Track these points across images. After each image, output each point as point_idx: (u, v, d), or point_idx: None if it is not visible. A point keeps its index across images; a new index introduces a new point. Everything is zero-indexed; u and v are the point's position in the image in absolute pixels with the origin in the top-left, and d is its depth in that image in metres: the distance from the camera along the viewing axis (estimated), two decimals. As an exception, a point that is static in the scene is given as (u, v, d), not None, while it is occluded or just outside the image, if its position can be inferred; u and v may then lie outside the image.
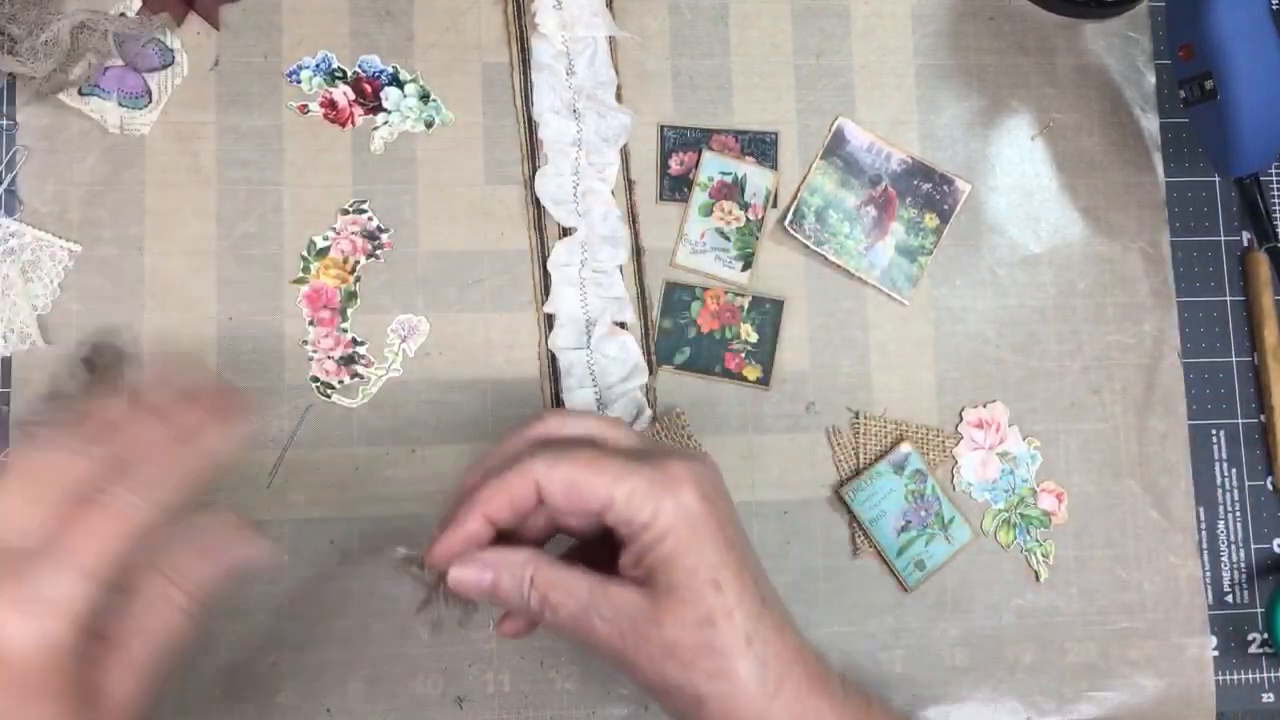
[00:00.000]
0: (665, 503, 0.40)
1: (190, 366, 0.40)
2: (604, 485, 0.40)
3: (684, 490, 0.41)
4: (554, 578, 0.41)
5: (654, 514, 0.40)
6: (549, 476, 0.41)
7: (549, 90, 0.56)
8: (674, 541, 0.40)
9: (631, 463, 0.41)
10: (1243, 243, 0.59)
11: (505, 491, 0.41)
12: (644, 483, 0.40)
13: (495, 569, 0.41)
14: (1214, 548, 0.57)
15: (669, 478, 0.41)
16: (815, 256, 0.57)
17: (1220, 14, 0.50)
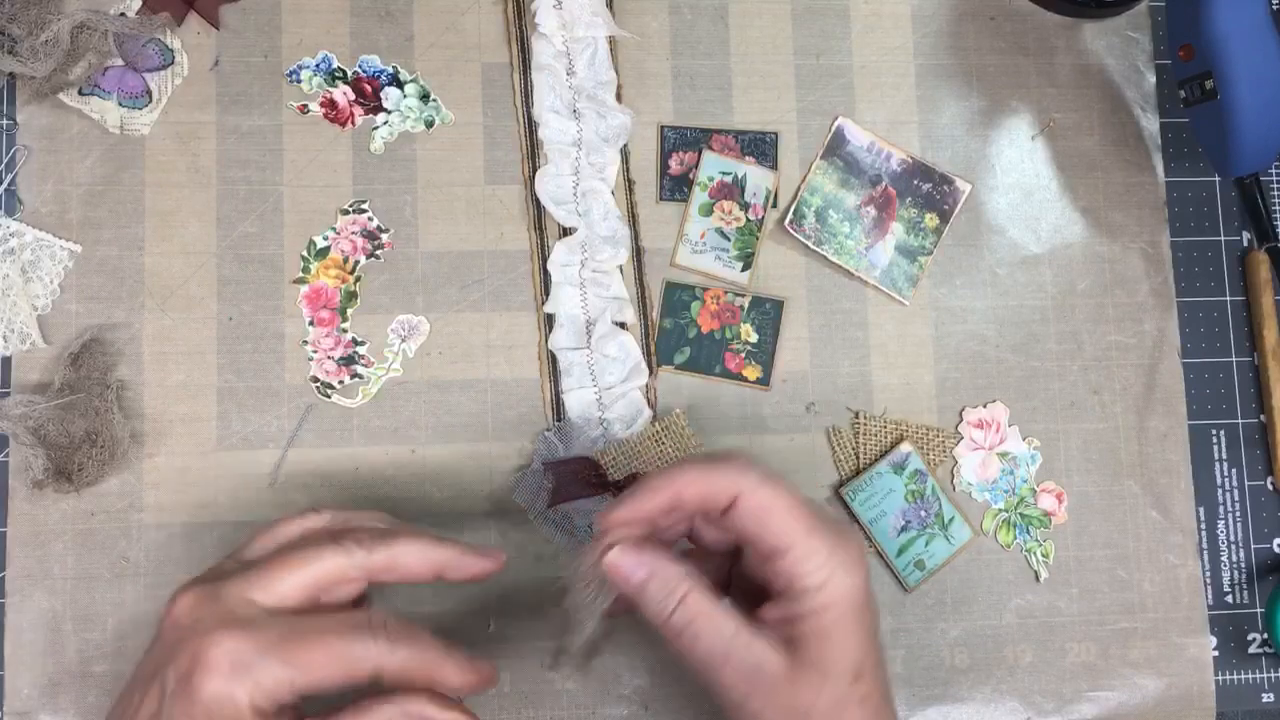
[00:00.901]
0: (840, 576, 0.40)
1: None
2: (792, 531, 0.40)
3: (858, 572, 0.41)
4: (706, 609, 0.41)
5: (825, 582, 0.40)
6: (754, 491, 0.41)
7: (549, 90, 0.56)
8: (835, 618, 0.40)
9: (818, 521, 0.41)
10: (1243, 243, 0.59)
11: (707, 482, 0.41)
12: (826, 548, 0.40)
13: (651, 570, 0.41)
14: (1214, 548, 0.57)
15: (848, 554, 0.41)
16: (815, 256, 0.57)
17: (1220, 14, 0.50)
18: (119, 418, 0.52)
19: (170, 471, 0.53)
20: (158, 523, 0.53)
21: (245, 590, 0.40)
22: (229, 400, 0.53)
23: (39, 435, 0.51)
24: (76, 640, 0.52)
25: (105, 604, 0.52)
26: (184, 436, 0.53)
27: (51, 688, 0.51)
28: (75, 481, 0.51)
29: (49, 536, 0.52)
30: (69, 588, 0.52)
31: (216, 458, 0.53)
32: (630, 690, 0.53)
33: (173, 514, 0.53)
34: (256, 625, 0.39)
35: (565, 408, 0.54)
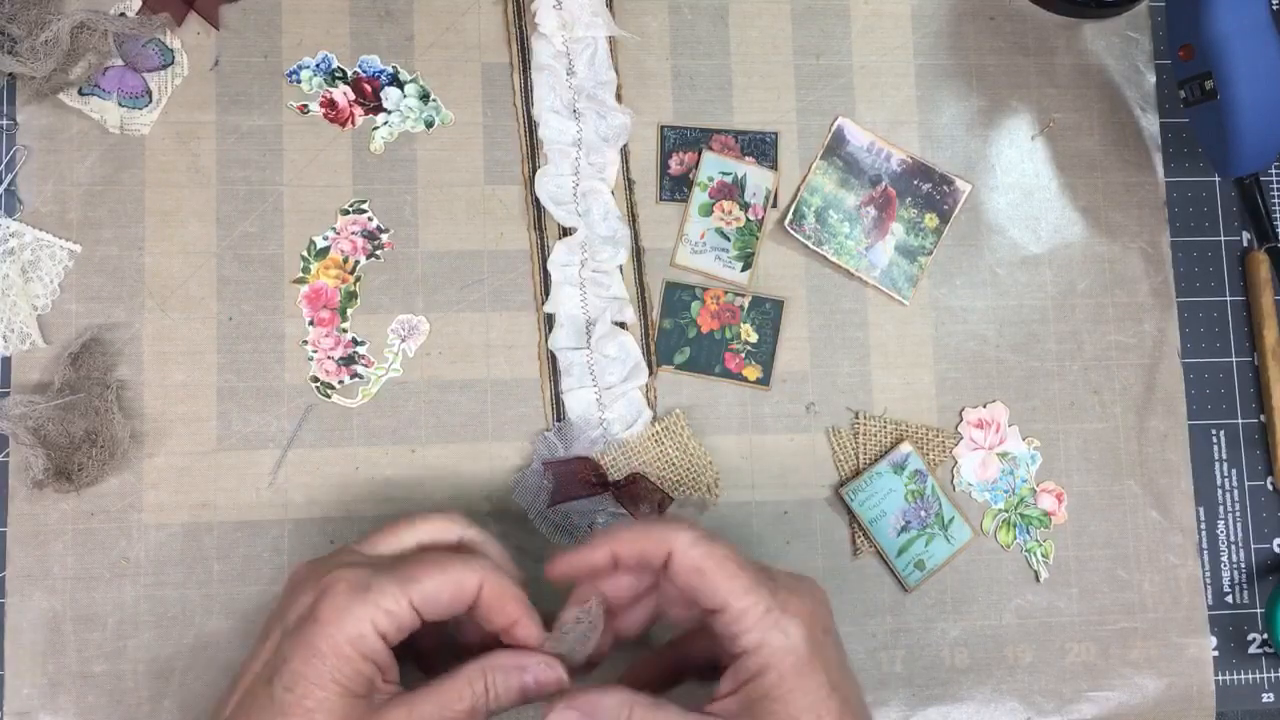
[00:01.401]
0: (773, 635, 0.41)
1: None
2: (726, 590, 0.41)
3: (794, 629, 0.41)
4: (650, 718, 0.41)
5: (760, 643, 0.41)
6: (686, 552, 0.42)
7: (549, 90, 0.56)
8: (776, 679, 0.40)
9: (758, 581, 0.41)
10: (1243, 243, 0.59)
11: (641, 542, 0.43)
12: (760, 607, 0.41)
13: (594, 713, 0.42)
14: (1214, 548, 0.57)
15: (784, 610, 0.41)
16: (815, 256, 0.57)
17: (1220, 14, 0.50)
18: (119, 418, 0.52)
19: (170, 471, 0.53)
20: (158, 523, 0.53)
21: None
22: (229, 400, 0.53)
23: (39, 435, 0.51)
24: (76, 640, 0.52)
25: (105, 604, 0.52)
26: (184, 436, 0.53)
27: (51, 688, 0.51)
28: (75, 481, 0.51)
29: (49, 536, 0.52)
30: (69, 588, 0.52)
31: (216, 458, 0.53)
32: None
33: (173, 514, 0.53)
34: (372, 561, 0.42)
35: (565, 408, 0.54)
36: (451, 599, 0.41)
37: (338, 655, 0.39)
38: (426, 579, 0.41)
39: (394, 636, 0.41)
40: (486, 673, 0.42)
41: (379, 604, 0.40)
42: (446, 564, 0.42)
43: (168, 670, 0.52)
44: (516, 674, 0.42)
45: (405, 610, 0.40)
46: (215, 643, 0.52)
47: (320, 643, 0.39)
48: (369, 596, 0.40)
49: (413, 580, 0.41)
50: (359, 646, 0.40)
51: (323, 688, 0.39)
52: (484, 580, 0.42)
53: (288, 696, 0.39)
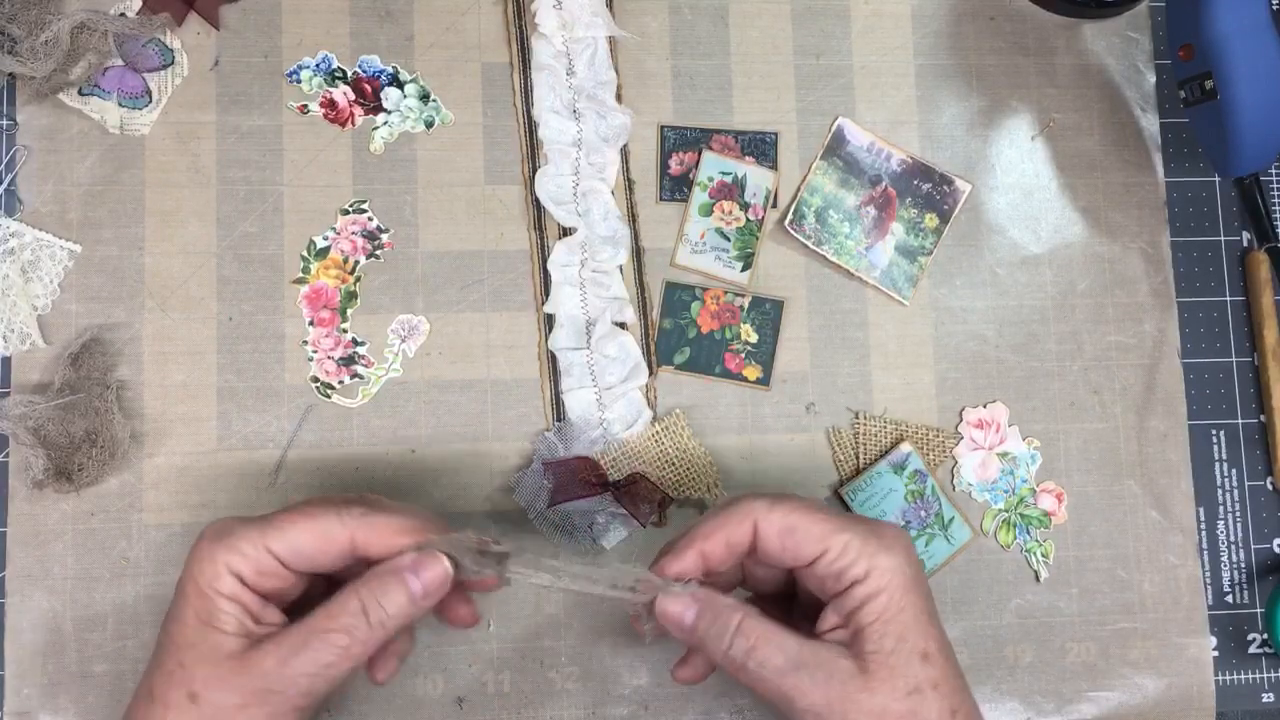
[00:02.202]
0: (881, 559, 0.41)
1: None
2: (821, 534, 0.41)
3: (898, 551, 0.41)
4: (764, 630, 0.41)
5: (868, 570, 0.41)
6: (768, 518, 0.42)
7: (549, 90, 0.56)
8: (887, 601, 0.41)
9: (846, 519, 0.42)
10: (1243, 243, 0.59)
11: (723, 529, 0.42)
12: (859, 538, 0.41)
13: (702, 607, 0.42)
14: (1214, 548, 0.57)
15: (883, 537, 0.42)
16: (815, 256, 0.57)
17: (1220, 14, 0.50)
18: (119, 418, 0.52)
19: (170, 471, 0.53)
20: (158, 523, 0.53)
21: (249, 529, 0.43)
22: (229, 400, 0.53)
23: (39, 435, 0.51)
24: (76, 640, 0.52)
25: (105, 604, 0.52)
26: (184, 436, 0.53)
27: (51, 688, 0.51)
28: (75, 481, 0.51)
29: (49, 536, 0.52)
30: (69, 588, 0.52)
31: (216, 458, 0.53)
32: (630, 690, 0.53)
33: (173, 514, 0.53)
34: (250, 518, 0.43)
35: (565, 408, 0.54)
36: (316, 549, 0.42)
37: (197, 594, 0.41)
38: (289, 527, 0.42)
39: (255, 580, 0.41)
40: (360, 589, 0.41)
41: (235, 547, 0.41)
42: (314, 513, 0.42)
43: (168, 670, 0.52)
44: (394, 580, 0.41)
45: (262, 554, 0.41)
46: (215, 643, 0.52)
47: (185, 584, 0.42)
48: (228, 541, 0.41)
49: (273, 528, 0.42)
50: (215, 585, 0.41)
51: (186, 623, 0.41)
52: (354, 531, 0.42)
53: (163, 637, 0.42)
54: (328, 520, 0.42)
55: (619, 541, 0.54)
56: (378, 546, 0.42)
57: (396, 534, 0.42)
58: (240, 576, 0.41)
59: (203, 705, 0.40)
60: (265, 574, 0.42)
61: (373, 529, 0.42)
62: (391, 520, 0.42)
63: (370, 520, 0.42)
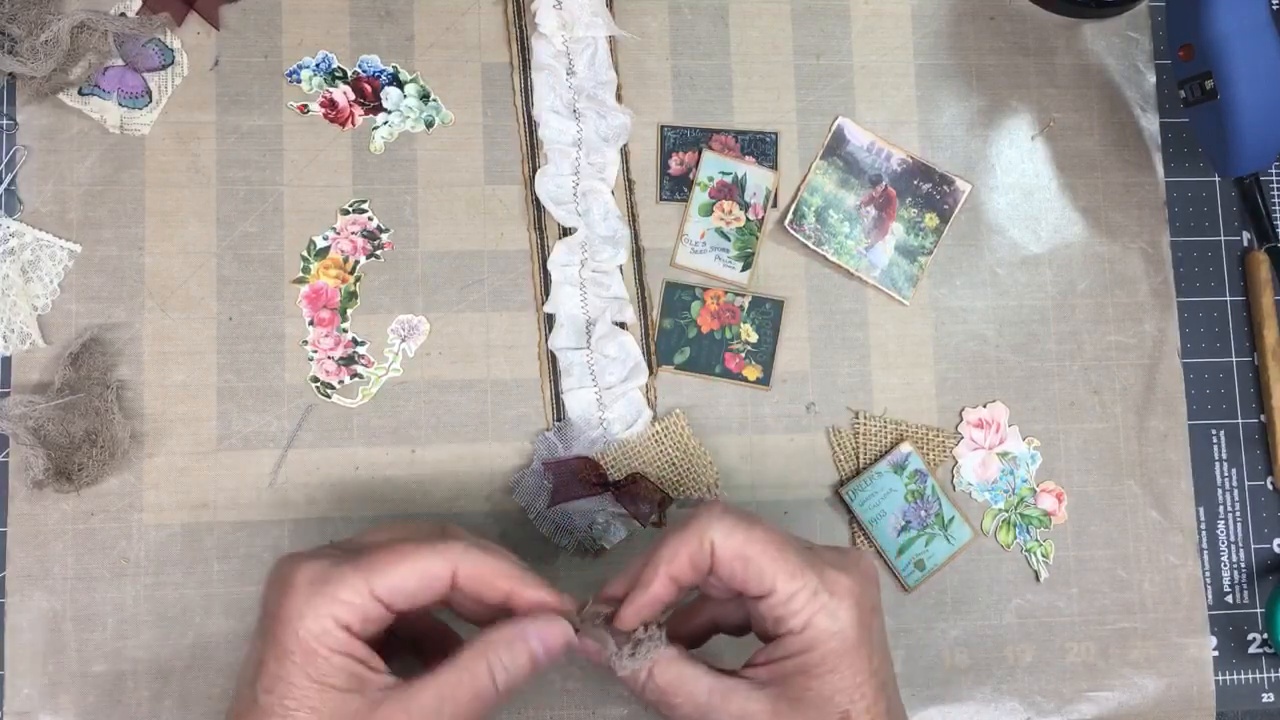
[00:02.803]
0: (821, 619, 0.40)
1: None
2: (773, 575, 0.40)
3: (843, 611, 0.40)
4: (674, 676, 0.41)
5: (806, 624, 0.40)
6: (725, 543, 0.41)
7: (549, 90, 0.56)
8: (818, 659, 0.40)
9: (803, 563, 0.41)
10: (1243, 243, 0.59)
11: (684, 549, 0.41)
12: (808, 590, 0.40)
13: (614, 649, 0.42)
14: (1214, 548, 0.57)
15: (832, 593, 0.41)
16: (815, 256, 0.57)
17: (1220, 14, 0.50)
18: (119, 418, 0.52)
19: (170, 471, 0.53)
20: (158, 523, 0.53)
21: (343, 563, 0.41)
22: (229, 400, 0.53)
23: (39, 435, 0.51)
24: (76, 640, 0.52)
25: (105, 604, 0.52)
26: (184, 436, 0.53)
27: (51, 688, 0.51)
28: (75, 481, 0.51)
29: (49, 536, 0.52)
30: (69, 588, 0.52)
31: (216, 458, 0.53)
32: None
33: (173, 514, 0.53)
34: (340, 551, 0.41)
35: (565, 408, 0.54)
36: (419, 588, 0.40)
37: (304, 651, 0.38)
38: (391, 569, 0.40)
39: (361, 628, 0.39)
40: (487, 652, 0.40)
41: (337, 596, 0.39)
42: (413, 553, 0.40)
43: (168, 670, 0.52)
44: (520, 644, 0.41)
45: (368, 601, 0.39)
46: (215, 643, 0.52)
47: (286, 640, 0.39)
48: (327, 590, 0.39)
49: (375, 570, 0.39)
50: (324, 641, 0.39)
51: (298, 686, 0.38)
52: (457, 566, 0.41)
53: (268, 699, 0.39)
54: (429, 558, 0.40)
55: (619, 541, 0.54)
56: (479, 585, 0.41)
57: (497, 576, 0.41)
58: (349, 628, 0.39)
59: None
60: (371, 620, 0.40)
61: (477, 565, 0.41)
62: (492, 561, 0.41)
63: (473, 557, 0.41)
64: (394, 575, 0.40)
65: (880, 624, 0.42)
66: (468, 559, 0.41)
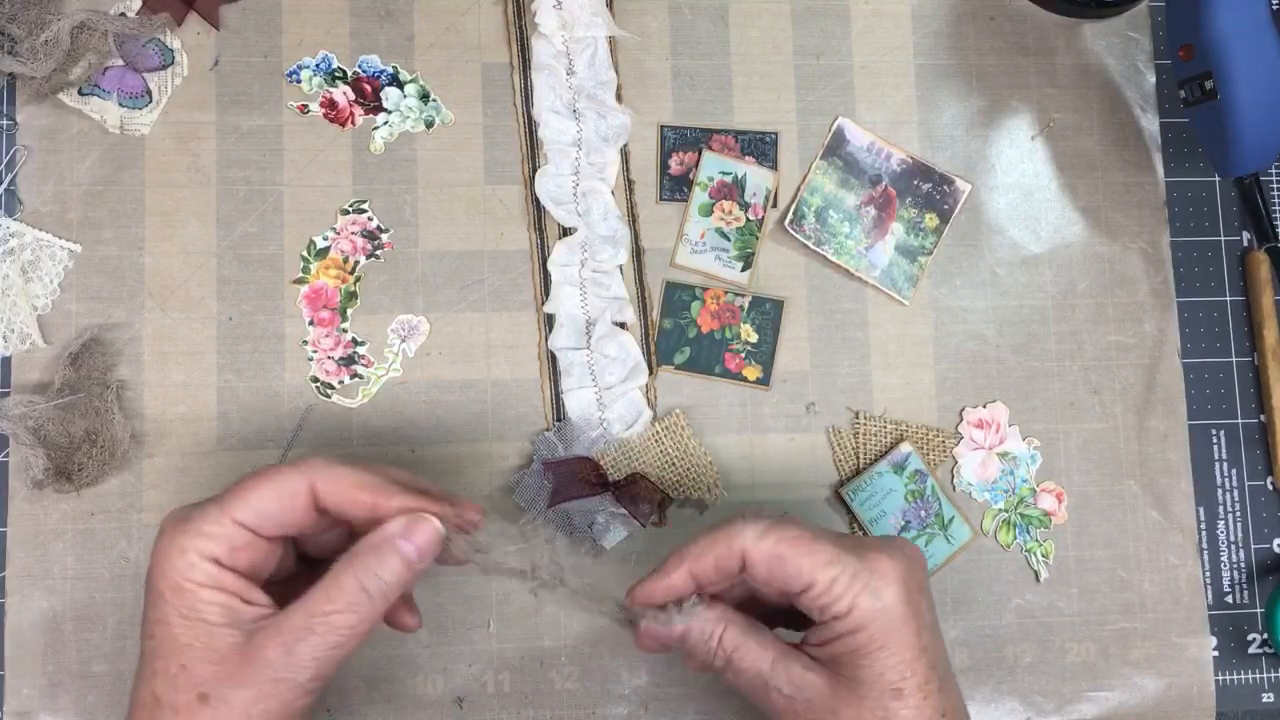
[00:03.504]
0: (864, 599, 0.41)
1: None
2: (810, 567, 0.41)
3: (886, 589, 0.41)
4: (741, 641, 0.42)
5: (851, 606, 0.41)
6: (757, 546, 0.42)
7: (549, 90, 0.56)
8: (866, 638, 0.41)
9: (840, 549, 0.41)
10: (1243, 243, 0.59)
11: (711, 551, 0.42)
12: (848, 573, 0.41)
13: (686, 623, 0.42)
14: (1214, 548, 0.57)
15: (874, 572, 0.41)
16: (815, 256, 0.57)
17: (1220, 14, 0.50)
18: (119, 418, 0.52)
19: (170, 471, 0.53)
20: (157, 523, 0.52)
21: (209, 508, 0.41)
22: (229, 400, 0.53)
23: (39, 435, 0.51)
24: (76, 640, 0.52)
25: (105, 604, 0.52)
26: (184, 436, 0.53)
27: (51, 688, 0.51)
28: (75, 481, 0.51)
29: (49, 536, 0.52)
30: (69, 588, 0.52)
31: (216, 458, 0.53)
32: (630, 690, 0.53)
33: (173, 514, 0.53)
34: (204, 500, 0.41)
35: (565, 408, 0.54)
36: (281, 509, 0.40)
37: (173, 589, 0.39)
38: (248, 494, 0.40)
39: (230, 558, 0.40)
40: (354, 563, 0.40)
41: (200, 530, 0.39)
42: (270, 475, 0.41)
43: (168, 670, 0.52)
44: (388, 549, 0.40)
45: (230, 529, 0.40)
46: (215, 643, 0.52)
47: (158, 583, 0.39)
48: (189, 526, 0.40)
49: (234, 498, 0.40)
50: (190, 576, 0.39)
51: (173, 625, 0.39)
52: (314, 481, 0.41)
53: (150, 644, 0.40)
54: (285, 477, 0.41)
55: (619, 541, 0.54)
56: (341, 499, 0.41)
57: (358, 488, 0.41)
58: (215, 559, 0.39)
59: (216, 705, 0.39)
60: (239, 548, 0.40)
61: (335, 479, 0.41)
62: (351, 473, 0.41)
63: (331, 470, 0.41)
64: (251, 499, 0.40)
65: (929, 605, 0.43)
66: (326, 473, 0.41)
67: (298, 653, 0.39)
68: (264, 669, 0.39)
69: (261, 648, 0.39)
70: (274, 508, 0.40)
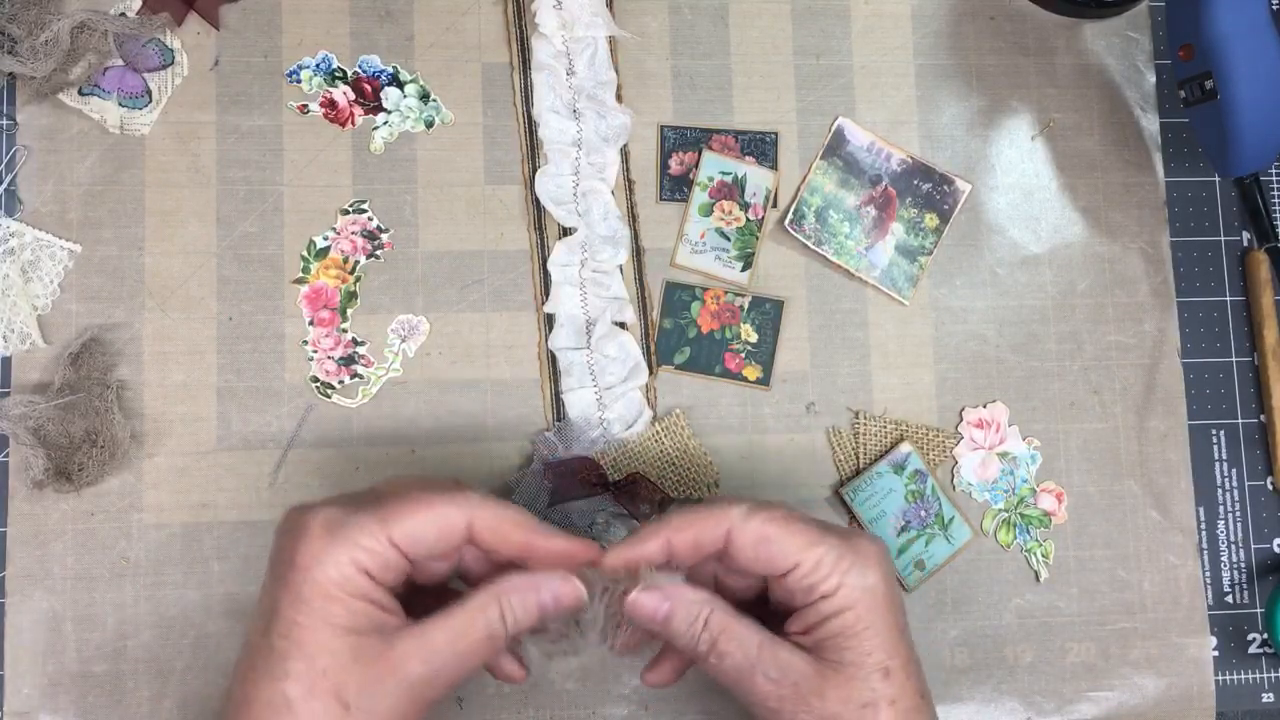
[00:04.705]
0: (851, 577, 0.41)
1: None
2: (795, 548, 0.41)
3: (871, 569, 0.41)
4: (728, 624, 0.42)
5: (838, 585, 0.41)
6: (744, 527, 0.42)
7: (549, 90, 0.56)
8: (853, 618, 0.41)
9: (823, 531, 0.42)
10: (1243, 243, 0.59)
11: (696, 526, 0.42)
12: (833, 553, 0.41)
13: (674, 601, 0.42)
14: (1214, 548, 0.57)
15: (858, 553, 0.41)
16: (815, 256, 0.57)
17: (1220, 14, 0.50)
18: (119, 418, 0.52)
19: (170, 471, 0.53)
20: (158, 523, 0.53)
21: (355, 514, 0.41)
22: (229, 400, 0.53)
23: (39, 435, 0.51)
24: (76, 640, 0.52)
25: (105, 604, 0.52)
26: (184, 436, 0.53)
27: (51, 688, 0.51)
28: (75, 481, 0.51)
29: (49, 536, 0.52)
30: (69, 588, 0.52)
31: (216, 458, 0.53)
32: (630, 690, 0.53)
33: (173, 514, 0.53)
34: (353, 499, 0.41)
35: (565, 408, 0.54)
36: (437, 537, 0.40)
37: (324, 598, 0.39)
38: (408, 517, 0.40)
39: (382, 574, 0.40)
40: (500, 596, 0.40)
41: (357, 542, 0.39)
42: (430, 501, 0.41)
43: (168, 670, 0.52)
44: (531, 593, 0.41)
45: (386, 548, 0.39)
46: (215, 643, 0.52)
47: (303, 587, 0.39)
48: (346, 534, 0.39)
49: (393, 518, 0.40)
50: (344, 588, 0.39)
51: (317, 630, 0.38)
52: (473, 516, 0.41)
53: (284, 643, 0.39)
54: (447, 509, 0.41)
55: (619, 541, 0.54)
56: (496, 536, 0.41)
57: (515, 526, 0.41)
58: (369, 572, 0.39)
59: (356, 713, 0.38)
60: (390, 567, 0.40)
61: (494, 517, 0.41)
62: (508, 512, 0.42)
63: (489, 509, 0.41)
64: (411, 523, 0.40)
65: (900, 593, 0.44)
66: (484, 510, 0.41)
67: (437, 669, 0.39)
68: (404, 681, 0.39)
69: (405, 660, 0.39)
70: (431, 537, 0.40)
